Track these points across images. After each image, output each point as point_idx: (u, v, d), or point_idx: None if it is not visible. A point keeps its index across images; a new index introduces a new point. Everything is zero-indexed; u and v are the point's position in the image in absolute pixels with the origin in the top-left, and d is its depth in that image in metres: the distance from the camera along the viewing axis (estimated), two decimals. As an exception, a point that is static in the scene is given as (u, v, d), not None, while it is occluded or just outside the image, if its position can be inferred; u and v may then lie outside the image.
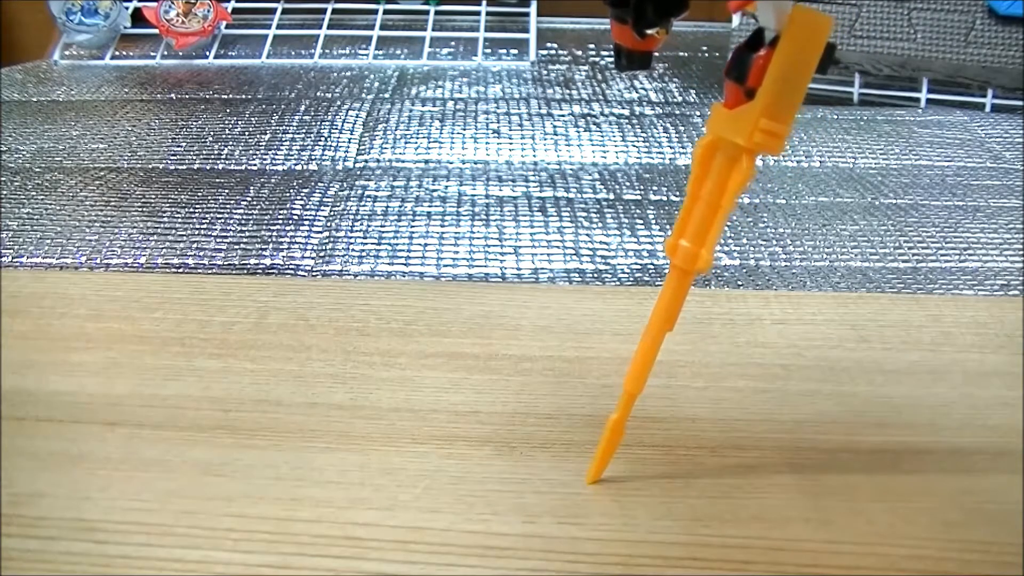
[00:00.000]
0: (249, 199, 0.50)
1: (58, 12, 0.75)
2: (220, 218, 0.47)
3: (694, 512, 0.27)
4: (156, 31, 0.74)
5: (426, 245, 0.45)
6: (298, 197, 0.50)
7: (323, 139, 0.58)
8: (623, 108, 0.65)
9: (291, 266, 0.43)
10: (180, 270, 0.42)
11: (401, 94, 0.67)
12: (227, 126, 0.60)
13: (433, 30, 0.78)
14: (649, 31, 0.23)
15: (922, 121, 0.63)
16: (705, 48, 0.80)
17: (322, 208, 0.49)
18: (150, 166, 0.54)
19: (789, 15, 0.21)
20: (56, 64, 0.73)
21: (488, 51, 0.77)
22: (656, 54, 0.25)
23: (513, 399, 0.32)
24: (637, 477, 0.28)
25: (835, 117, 0.64)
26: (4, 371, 0.32)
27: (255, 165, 0.55)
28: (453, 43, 0.79)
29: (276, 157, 0.56)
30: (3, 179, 0.51)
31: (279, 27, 0.78)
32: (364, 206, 0.49)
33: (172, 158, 0.55)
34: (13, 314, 0.36)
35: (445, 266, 0.43)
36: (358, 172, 0.54)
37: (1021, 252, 0.45)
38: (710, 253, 0.24)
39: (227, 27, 0.77)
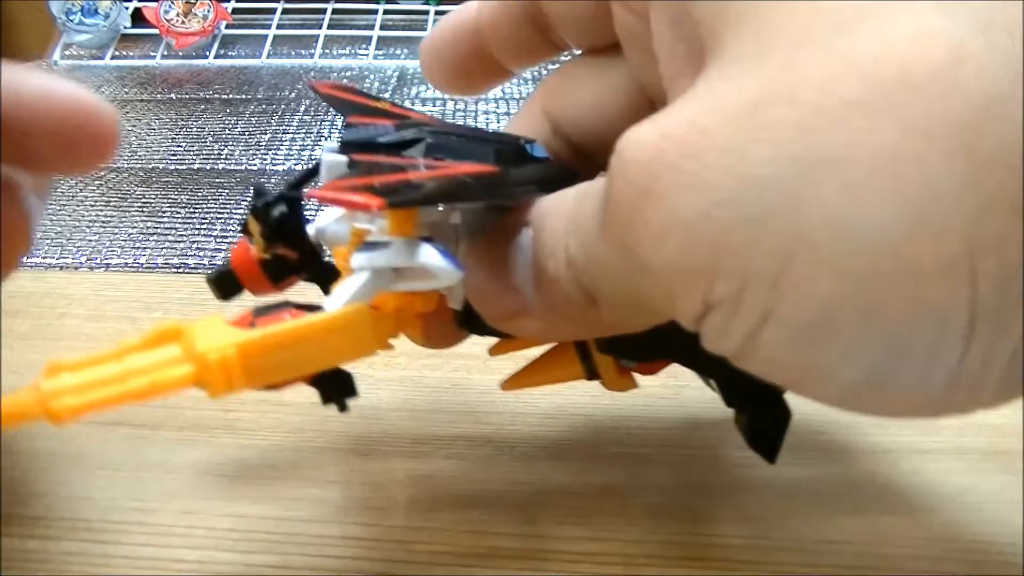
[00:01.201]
0: (249, 199, 0.50)
1: (58, 12, 0.75)
2: (220, 218, 0.47)
3: (694, 512, 0.27)
4: (156, 31, 0.74)
5: (426, 245, 0.45)
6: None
7: (323, 139, 0.58)
8: (623, 108, 0.65)
9: (291, 266, 0.43)
10: (180, 270, 0.42)
11: (401, 94, 0.67)
12: (227, 126, 0.60)
13: (433, 30, 0.78)
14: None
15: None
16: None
17: (323, 208, 0.49)
18: (150, 166, 0.54)
19: (351, 309, 0.18)
20: (56, 64, 0.73)
21: (488, 51, 0.77)
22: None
23: (513, 399, 0.31)
24: (636, 477, 0.28)
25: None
26: (4, 371, 0.32)
27: (255, 165, 0.55)
28: (453, 43, 0.79)
29: (276, 157, 0.56)
30: (3, 179, 0.51)
31: (279, 27, 0.78)
32: (364, 206, 0.49)
33: (172, 158, 0.55)
34: (13, 314, 0.36)
35: (445, 266, 0.43)
36: (358, 172, 0.54)
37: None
38: (71, 414, 0.17)
39: (227, 27, 0.77)
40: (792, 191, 0.14)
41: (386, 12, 0.80)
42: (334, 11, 0.80)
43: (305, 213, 0.23)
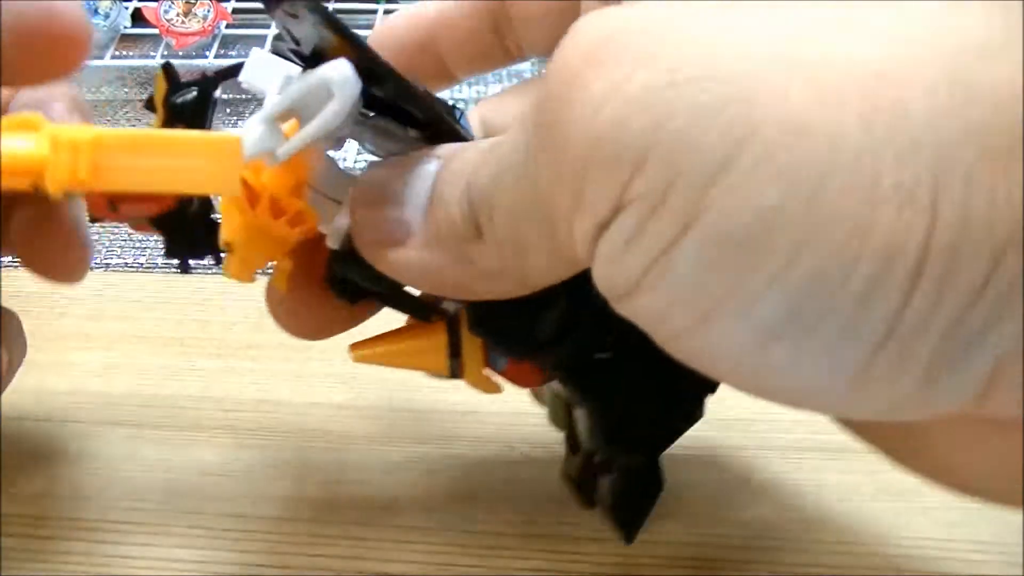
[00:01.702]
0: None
1: (58, 12, 0.74)
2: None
3: (694, 512, 0.27)
4: (156, 31, 0.74)
5: (426, 245, 0.45)
6: (298, 197, 0.50)
7: (323, 139, 0.58)
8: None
9: (291, 266, 0.43)
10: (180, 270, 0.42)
11: (401, 94, 0.67)
12: (227, 126, 0.60)
13: (433, 30, 0.78)
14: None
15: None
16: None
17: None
18: (150, 166, 0.54)
19: (223, 135, 0.18)
20: (56, 64, 0.73)
21: (488, 51, 0.77)
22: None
23: (513, 399, 0.31)
24: (637, 477, 0.28)
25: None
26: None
27: (255, 165, 0.55)
28: (453, 43, 0.79)
29: (276, 157, 0.56)
30: (3, 179, 0.51)
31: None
32: (364, 206, 0.49)
33: (172, 158, 0.55)
34: (13, 314, 0.36)
35: (445, 266, 0.43)
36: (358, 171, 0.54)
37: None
38: None
39: (227, 27, 0.77)
40: (754, 83, 0.13)
41: (386, 12, 0.80)
42: (334, 11, 0.80)
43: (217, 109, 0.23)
